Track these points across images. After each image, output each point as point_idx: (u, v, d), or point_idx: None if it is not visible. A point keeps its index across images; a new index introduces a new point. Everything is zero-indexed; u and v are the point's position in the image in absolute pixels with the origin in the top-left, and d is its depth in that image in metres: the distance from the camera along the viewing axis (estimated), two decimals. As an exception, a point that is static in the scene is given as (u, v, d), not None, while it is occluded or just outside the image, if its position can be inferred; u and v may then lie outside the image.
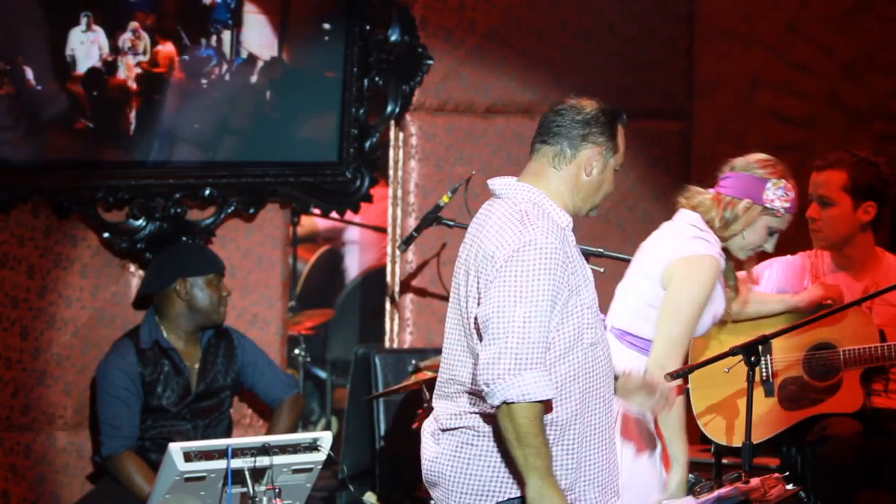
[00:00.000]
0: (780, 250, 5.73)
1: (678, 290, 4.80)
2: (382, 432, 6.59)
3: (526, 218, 4.08)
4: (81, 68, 6.04)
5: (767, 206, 4.90)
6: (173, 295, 6.05)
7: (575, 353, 4.11)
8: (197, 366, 6.09)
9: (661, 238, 4.97)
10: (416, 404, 5.89)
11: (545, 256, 4.02)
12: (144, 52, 6.16)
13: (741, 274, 5.17)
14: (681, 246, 4.85)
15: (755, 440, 4.83)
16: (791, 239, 6.54)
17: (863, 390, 5.64)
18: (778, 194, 4.91)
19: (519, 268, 4.02)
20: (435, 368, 5.76)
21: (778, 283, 5.78)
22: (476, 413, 4.18)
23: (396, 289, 6.91)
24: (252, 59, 6.35)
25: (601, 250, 6.02)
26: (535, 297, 4.00)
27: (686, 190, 5.02)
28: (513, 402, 3.97)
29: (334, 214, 6.76)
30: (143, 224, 6.28)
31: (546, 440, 4.01)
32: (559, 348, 4.09)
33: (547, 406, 4.05)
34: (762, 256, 5.77)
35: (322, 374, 8.62)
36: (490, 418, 4.14)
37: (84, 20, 6.03)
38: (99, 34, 6.07)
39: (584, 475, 4.17)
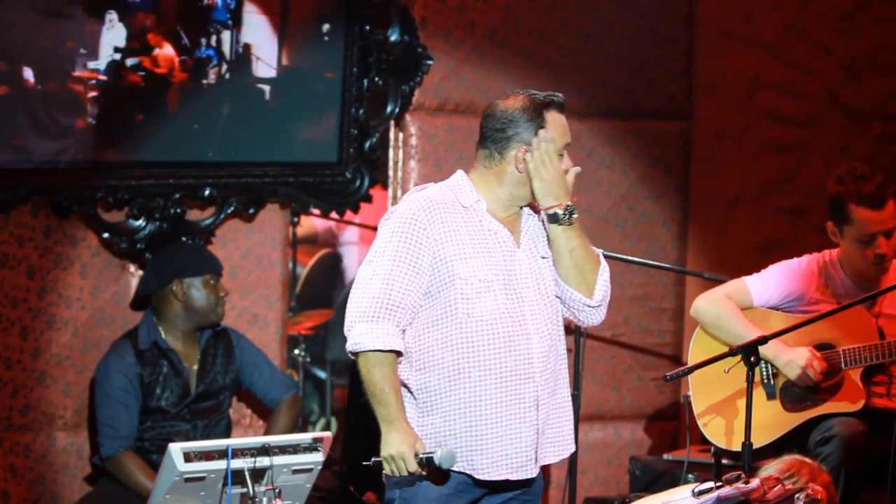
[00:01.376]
0: (778, 255, 5.82)
1: None
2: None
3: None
4: (101, 66, 6.07)
5: None
6: (170, 296, 6.04)
7: (447, 322, 4.36)
8: (196, 366, 6.06)
9: None
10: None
11: (399, 222, 4.36)
12: (146, 53, 6.15)
13: None
14: None
15: (760, 443, 4.80)
16: (783, 242, 6.60)
17: (864, 389, 5.62)
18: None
19: (379, 234, 4.44)
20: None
21: (786, 287, 5.70)
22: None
23: (396, 289, 6.88)
24: (252, 59, 6.33)
25: (601, 250, 5.69)
26: (382, 257, 4.34)
27: None
28: (354, 353, 4.38)
29: (334, 214, 6.75)
30: (143, 224, 6.26)
31: (391, 388, 4.33)
32: (431, 316, 4.38)
33: (397, 356, 4.39)
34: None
35: (322, 375, 8.60)
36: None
37: (109, 19, 6.03)
38: (121, 33, 6.09)
39: (473, 444, 4.36)
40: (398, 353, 4.39)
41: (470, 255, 4.36)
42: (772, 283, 5.70)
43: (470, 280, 4.34)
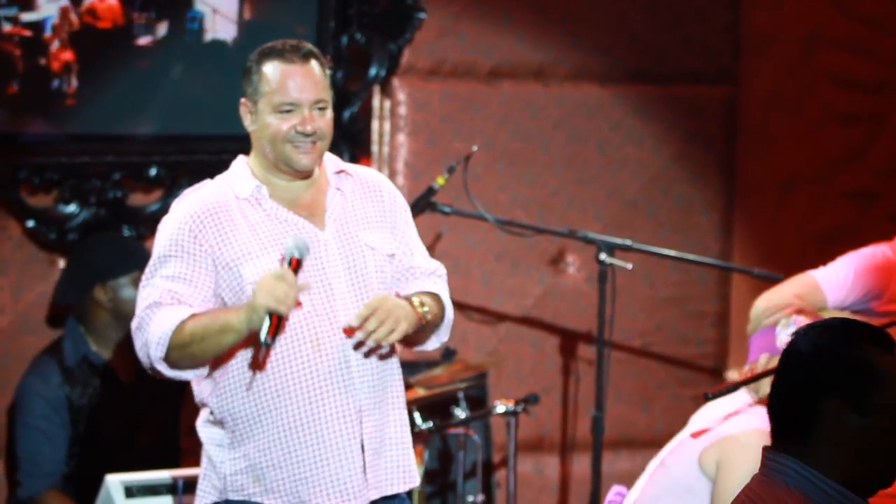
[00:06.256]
0: (842, 247, 5.42)
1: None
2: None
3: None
4: (28, 20, 5.90)
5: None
6: (94, 306, 5.81)
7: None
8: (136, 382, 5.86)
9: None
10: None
11: (167, 239, 4.25)
12: (80, 4, 5.96)
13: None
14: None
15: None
16: (848, 232, 6.45)
17: None
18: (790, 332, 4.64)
19: (154, 248, 4.38)
20: (428, 385, 5.83)
21: (867, 282, 5.28)
22: None
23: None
24: (208, 13, 6.18)
25: (628, 242, 5.91)
26: (153, 279, 4.24)
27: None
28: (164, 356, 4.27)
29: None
30: (76, 210, 6.11)
31: (210, 316, 4.17)
32: None
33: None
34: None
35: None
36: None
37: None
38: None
39: (295, 473, 4.19)
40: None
41: (257, 255, 4.18)
42: (849, 278, 5.28)
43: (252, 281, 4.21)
